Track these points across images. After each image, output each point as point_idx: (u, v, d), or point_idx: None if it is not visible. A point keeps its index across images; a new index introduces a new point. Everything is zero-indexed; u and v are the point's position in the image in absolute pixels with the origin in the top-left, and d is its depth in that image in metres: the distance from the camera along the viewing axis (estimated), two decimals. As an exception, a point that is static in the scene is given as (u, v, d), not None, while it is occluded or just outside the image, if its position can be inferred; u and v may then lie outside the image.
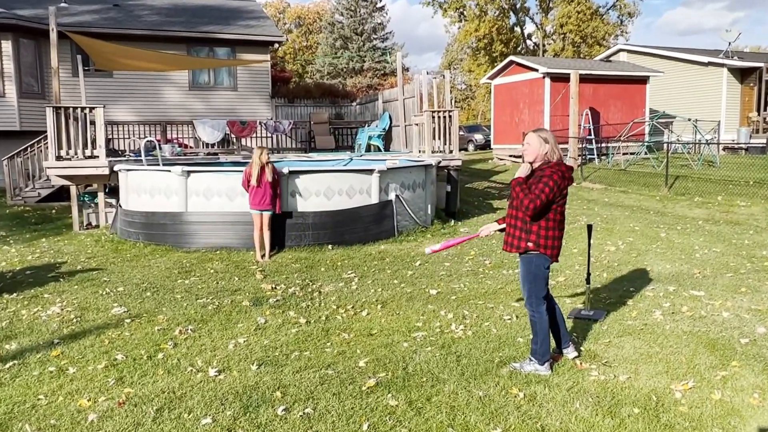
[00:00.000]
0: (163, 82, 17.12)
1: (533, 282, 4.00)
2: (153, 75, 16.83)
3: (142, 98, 16.94)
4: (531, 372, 4.08)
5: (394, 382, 4.02)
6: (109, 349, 4.70)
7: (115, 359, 4.47)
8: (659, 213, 11.16)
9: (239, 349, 4.67)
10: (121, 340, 4.89)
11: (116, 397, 3.84)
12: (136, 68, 14.13)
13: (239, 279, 6.95)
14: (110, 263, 7.82)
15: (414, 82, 15.07)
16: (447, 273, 7.11)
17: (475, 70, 49.40)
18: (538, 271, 3.97)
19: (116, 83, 16.62)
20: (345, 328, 5.17)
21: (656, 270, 7.00)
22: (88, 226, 10.74)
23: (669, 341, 4.66)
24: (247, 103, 18.13)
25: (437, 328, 5.13)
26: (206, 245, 8.52)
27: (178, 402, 3.75)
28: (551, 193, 3.81)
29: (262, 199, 7.96)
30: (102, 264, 7.79)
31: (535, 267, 3.97)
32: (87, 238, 9.56)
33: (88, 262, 7.89)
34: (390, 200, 9.31)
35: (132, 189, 9.47)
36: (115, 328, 5.21)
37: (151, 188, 9.12)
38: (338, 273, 7.18)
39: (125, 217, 9.35)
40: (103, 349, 4.70)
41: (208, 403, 3.73)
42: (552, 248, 3.95)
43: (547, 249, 3.93)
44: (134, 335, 5.02)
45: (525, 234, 3.95)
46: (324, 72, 35.05)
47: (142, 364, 4.38)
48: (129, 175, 9.57)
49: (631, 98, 19.97)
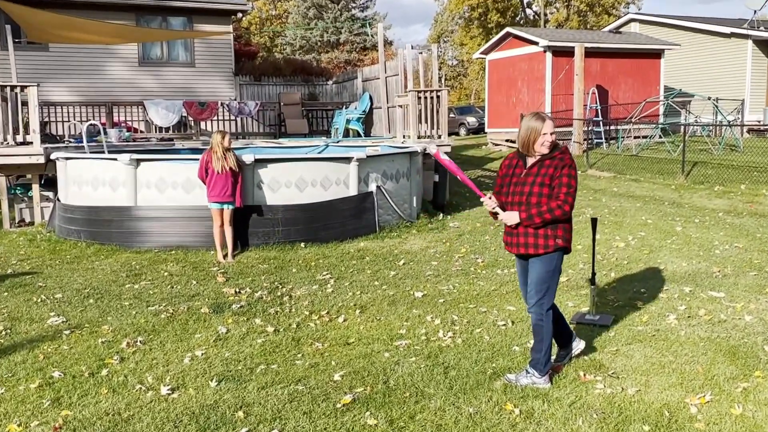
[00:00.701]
0: (108, 56, 16.91)
1: (551, 281, 4.09)
2: (96, 48, 16.60)
3: (84, 75, 16.71)
4: (528, 385, 4.09)
5: (373, 398, 4.01)
6: (45, 365, 4.63)
7: (51, 377, 4.40)
8: (675, 204, 11.29)
9: (196, 364, 4.63)
10: (58, 355, 4.82)
11: (52, 421, 3.78)
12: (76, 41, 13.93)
13: (197, 282, 6.90)
14: (47, 266, 7.72)
15: (398, 58, 15.05)
16: (434, 273, 7.13)
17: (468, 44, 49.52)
18: (556, 271, 4.08)
19: (53, 58, 16.37)
20: (318, 337, 5.16)
21: (671, 269, 7.07)
22: (21, 223, 10.59)
23: (684, 349, 4.71)
24: (207, 82, 17.97)
25: (423, 335, 5.14)
26: (159, 244, 8.45)
27: (125, 425, 3.71)
28: (576, 182, 4.01)
29: (223, 190, 7.91)
30: (37, 267, 7.68)
31: (557, 264, 4.07)
32: (19, 236, 9.43)
33: (21, 265, 7.78)
34: (370, 192, 9.31)
35: (72, 180, 9.36)
36: (51, 341, 5.14)
37: (94, 179, 9.02)
38: (311, 274, 7.17)
39: (64, 213, 9.24)
40: (37, 365, 4.63)
41: (159, 426, 3.70)
42: (570, 240, 4.10)
43: (568, 242, 4.08)
44: (74, 349, 4.95)
45: (552, 230, 4.01)
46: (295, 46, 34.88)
47: (83, 382, 4.33)
48: (69, 165, 9.45)
49: (643, 75, 20.14)
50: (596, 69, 19.36)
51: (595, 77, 19.34)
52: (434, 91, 12.09)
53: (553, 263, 4.05)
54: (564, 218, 4.00)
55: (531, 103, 19.51)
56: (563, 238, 4.03)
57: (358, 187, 9.18)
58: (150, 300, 6.25)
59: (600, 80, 19.51)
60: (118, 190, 8.77)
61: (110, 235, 8.67)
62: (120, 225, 8.65)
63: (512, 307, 5.77)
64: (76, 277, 7.14)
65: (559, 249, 4.05)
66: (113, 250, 8.41)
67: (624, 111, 19.43)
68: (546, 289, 4.07)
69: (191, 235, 8.47)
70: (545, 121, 3.97)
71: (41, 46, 16.01)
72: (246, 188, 8.36)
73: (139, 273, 7.31)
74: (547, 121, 3.97)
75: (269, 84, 19.47)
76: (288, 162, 8.91)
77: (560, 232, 4.01)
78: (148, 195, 8.66)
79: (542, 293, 4.07)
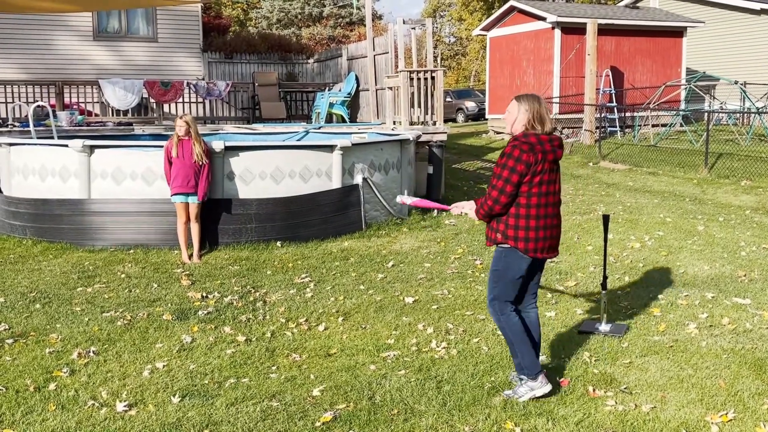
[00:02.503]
0: (58, 28, 16.79)
1: (498, 281, 4.20)
2: (44, 18, 16.48)
3: (30, 50, 16.58)
4: (527, 397, 4.16)
5: (356, 415, 4.03)
6: (-16, 378, 4.61)
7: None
8: (696, 200, 11.38)
9: (157, 377, 4.63)
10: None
11: (-8, 440, 3.78)
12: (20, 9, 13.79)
13: (159, 286, 6.89)
14: (-13, 266, 7.67)
15: (388, 34, 15.06)
16: (427, 276, 7.15)
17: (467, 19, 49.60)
18: (507, 270, 4.16)
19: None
20: (296, 348, 5.17)
21: (691, 272, 7.14)
22: (-41, 218, 10.50)
23: (705, 362, 4.76)
24: (171, 59, 17.88)
25: (413, 346, 5.15)
26: (116, 242, 8.42)
27: (75, 445, 3.70)
28: (512, 175, 3.99)
29: (186, 179, 7.87)
30: (-24, 267, 7.63)
31: (504, 264, 4.17)
32: (-43, 233, 9.35)
33: (-42, 266, 7.73)
34: (356, 185, 9.32)
35: (16, 169, 9.30)
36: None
37: (41, 168, 8.97)
38: (289, 277, 7.17)
39: (7, 206, 9.18)
40: (-25, 378, 4.61)
41: (114, 446, 3.70)
42: (525, 240, 4.09)
43: (518, 241, 4.09)
44: (17, 360, 4.93)
45: (496, 224, 4.16)
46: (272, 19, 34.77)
47: (28, 397, 4.31)
48: (12, 151, 9.39)
49: (663, 55, 20.26)
50: (610, 48, 19.45)
51: (609, 58, 19.43)
52: (428, 72, 12.10)
53: (501, 261, 4.17)
54: (497, 211, 4.09)
55: (537, 86, 19.58)
56: (504, 234, 4.11)
57: (342, 179, 9.17)
58: (105, 305, 6.23)
59: (615, 61, 19.61)
60: (69, 181, 8.72)
61: (60, 232, 8.62)
62: (71, 220, 8.61)
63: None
64: (21, 279, 7.10)
65: (501, 245, 4.14)
66: (63, 248, 8.36)
67: (641, 96, 19.54)
68: (496, 288, 4.21)
69: (152, 232, 8.43)
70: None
71: (-19, 16, 15.85)
72: (215, 180, 8.34)
73: (92, 275, 7.27)
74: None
75: (242, 62, 19.40)
76: (263, 150, 8.89)
77: (501, 226, 4.13)
78: (103, 187, 8.62)
79: (492, 292, 4.24)
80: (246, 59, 19.54)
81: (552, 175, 4.10)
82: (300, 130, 13.08)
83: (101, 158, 8.63)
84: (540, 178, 4.03)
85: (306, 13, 33.07)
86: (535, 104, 4.06)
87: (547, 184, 4.07)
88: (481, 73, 46.92)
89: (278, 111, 17.38)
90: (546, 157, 4.02)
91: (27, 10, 14.27)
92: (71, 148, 8.62)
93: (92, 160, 8.63)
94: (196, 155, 7.90)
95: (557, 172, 4.17)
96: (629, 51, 19.87)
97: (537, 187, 4.03)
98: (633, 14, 20.83)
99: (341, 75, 17.79)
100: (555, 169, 4.13)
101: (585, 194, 11.98)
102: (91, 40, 17.18)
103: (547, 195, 4.09)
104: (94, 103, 16.05)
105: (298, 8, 33.35)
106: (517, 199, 4.05)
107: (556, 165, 4.14)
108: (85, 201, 8.61)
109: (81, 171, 8.62)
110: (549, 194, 4.10)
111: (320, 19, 31.75)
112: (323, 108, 16.36)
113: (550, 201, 4.12)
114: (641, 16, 20.59)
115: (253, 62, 19.60)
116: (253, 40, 20.50)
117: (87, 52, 17.09)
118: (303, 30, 29.14)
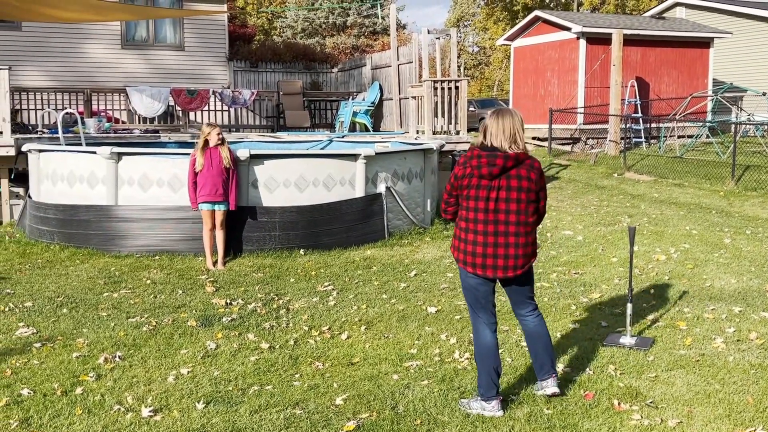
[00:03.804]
0: (87, 37, 17.02)
1: (466, 296, 4.30)
2: (74, 27, 16.72)
3: (60, 58, 16.83)
4: (476, 413, 4.14)
5: (379, 424, 4.03)
6: (12, 381, 4.67)
7: (20, 395, 4.44)
8: (723, 213, 11.25)
9: (182, 383, 4.66)
10: (27, 371, 4.86)
11: (20, 442, 3.82)
12: (51, 18, 14.02)
13: (184, 292, 6.94)
14: (15, 271, 7.78)
15: (412, 44, 15.11)
16: (450, 286, 7.14)
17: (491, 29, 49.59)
18: (462, 280, 4.28)
19: (25, 38, 16.49)
20: (319, 356, 5.18)
21: (718, 286, 7.05)
22: (-12, 222, 10.67)
23: (732, 377, 4.70)
24: (197, 67, 18.05)
25: (436, 356, 5.14)
26: (141, 248, 8.50)
27: (101, 450, 3.74)
28: (447, 183, 4.22)
29: (215, 188, 7.94)
30: (5, 272, 7.74)
31: (460, 273, 4.31)
32: (-14, 238, 9.50)
33: (-12, 270, 7.85)
34: (379, 193, 9.33)
35: (45, 175, 9.43)
36: (20, 354, 5.18)
37: (70, 175, 9.08)
38: (312, 285, 7.19)
39: (36, 212, 9.31)
40: (4, 381, 4.67)
41: (139, 451, 3.72)
42: (463, 253, 4.16)
43: (458, 253, 4.21)
44: (45, 364, 4.99)
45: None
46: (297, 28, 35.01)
47: (55, 401, 4.36)
48: (42, 158, 9.53)
49: (689, 66, 20.10)
50: (636, 59, 19.33)
51: (635, 68, 19.31)
52: (452, 81, 12.12)
53: (460, 275, 4.28)
54: (442, 210, 4.33)
55: (561, 96, 19.50)
56: (451, 244, 4.30)
57: (365, 188, 9.20)
58: (130, 311, 6.29)
59: (640, 72, 19.48)
60: (97, 188, 8.83)
61: (87, 238, 8.72)
62: (98, 226, 8.71)
63: (538, 326, 5.75)
64: (49, 284, 7.19)
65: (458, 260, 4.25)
66: (90, 254, 8.46)
67: (667, 107, 19.38)
68: (466, 301, 4.33)
69: (178, 238, 8.51)
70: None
71: (12, 24, 16.13)
72: (240, 188, 8.40)
73: (118, 280, 7.35)
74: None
75: (267, 71, 19.54)
76: (287, 158, 8.95)
77: (454, 240, 4.27)
78: (130, 193, 8.72)
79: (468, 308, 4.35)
80: (271, 68, 19.67)
81: (484, 192, 4.02)
82: (324, 138, 13.15)
83: (128, 165, 8.73)
84: (467, 193, 4.08)
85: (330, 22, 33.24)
86: (489, 120, 4.11)
87: (476, 200, 4.06)
88: (504, 83, 46.84)
89: (302, 119, 17.47)
90: (474, 173, 4.04)
91: (59, 20, 14.49)
92: (99, 154, 8.73)
93: (120, 166, 8.73)
94: (225, 160, 7.96)
95: (506, 190, 4.02)
96: (655, 62, 19.73)
97: (465, 201, 4.13)
98: (659, 25, 20.69)
99: (365, 84, 17.85)
100: (494, 186, 4.01)
101: (610, 205, 11.89)
102: (119, 48, 17.40)
103: (477, 211, 4.07)
104: (121, 110, 16.24)
105: (322, 18, 33.53)
106: (459, 212, 4.20)
107: (496, 182, 4.00)
108: (112, 207, 8.71)
109: (108, 177, 8.72)
110: (480, 211, 4.06)
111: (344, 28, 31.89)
112: (347, 117, 16.42)
113: (481, 218, 4.06)
114: (667, 26, 20.45)
115: (278, 71, 19.73)
116: (278, 49, 20.65)
117: (115, 60, 17.31)
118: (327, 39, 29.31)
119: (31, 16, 13.53)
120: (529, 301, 4.35)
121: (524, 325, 4.38)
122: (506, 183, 4.04)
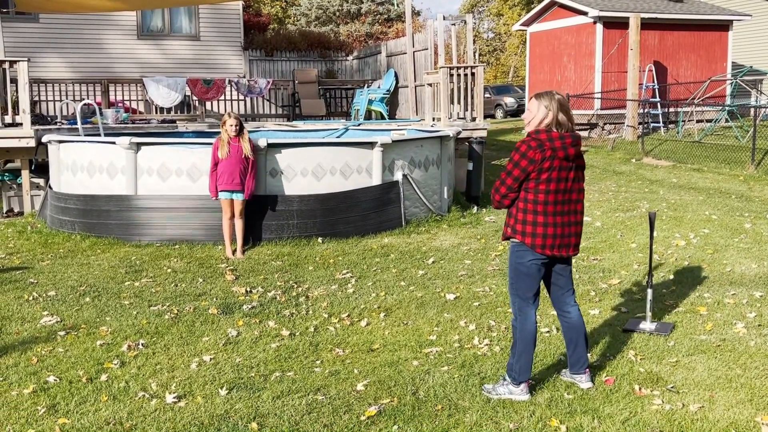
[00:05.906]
0: (104, 27, 17.12)
1: (513, 278, 4.24)
2: (91, 18, 16.82)
3: (78, 49, 16.94)
4: (504, 397, 4.16)
5: (401, 410, 4.06)
6: (38, 369, 4.74)
7: (46, 382, 4.51)
8: (743, 197, 11.16)
9: (204, 369, 4.71)
10: (53, 358, 4.93)
11: (48, 429, 3.89)
12: (69, 9, 14.11)
13: (204, 280, 7.00)
14: (38, 260, 7.87)
15: (427, 30, 15.04)
16: (468, 273, 7.15)
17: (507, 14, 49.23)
18: (519, 265, 4.17)
19: (44, 29, 16.62)
20: (339, 343, 5.21)
21: (738, 271, 7.02)
22: (9, 213, 10.79)
23: (754, 361, 4.69)
24: (213, 56, 18.11)
25: (455, 342, 5.17)
26: (162, 238, 8.57)
27: (127, 435, 3.79)
28: (514, 169, 4.04)
29: (232, 177, 7.97)
30: (28, 261, 7.83)
31: (515, 258, 4.19)
32: (8, 228, 9.62)
33: (10, 259, 7.94)
34: (396, 181, 9.33)
35: (66, 166, 9.51)
36: (45, 342, 5.25)
37: (90, 165, 9.16)
38: (330, 273, 7.23)
39: (57, 202, 9.40)
40: (30, 369, 4.74)
41: (164, 436, 3.78)
42: (533, 236, 4.08)
43: (525, 236, 4.10)
44: (70, 352, 5.06)
45: (508, 217, 4.23)
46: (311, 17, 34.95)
47: (81, 388, 4.42)
48: (62, 148, 9.60)
49: (708, 49, 19.88)
50: (654, 43, 19.15)
51: (653, 52, 19.13)
52: (468, 68, 12.07)
53: (513, 256, 4.20)
54: (497, 200, 4.18)
55: (578, 81, 19.37)
56: (513, 229, 4.16)
57: (382, 176, 9.20)
58: (152, 299, 6.36)
59: (658, 56, 19.30)
60: (117, 178, 8.89)
61: (108, 227, 8.80)
62: (118, 216, 8.78)
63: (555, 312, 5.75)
64: (71, 273, 7.27)
65: (514, 241, 4.16)
66: (111, 243, 8.54)
67: (685, 91, 19.20)
68: (514, 285, 4.24)
69: (197, 227, 8.56)
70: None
71: (31, 16, 16.25)
72: (258, 177, 8.43)
73: (139, 269, 7.42)
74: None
75: (282, 59, 19.56)
76: (304, 147, 8.97)
77: (511, 221, 4.18)
78: (149, 183, 8.77)
79: (510, 289, 4.28)
80: (286, 57, 19.68)
81: (563, 173, 4.04)
82: (340, 127, 13.15)
83: (147, 155, 8.78)
84: (548, 176, 4.00)
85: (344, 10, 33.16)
86: (553, 102, 4.03)
87: (557, 182, 4.03)
88: (520, 69, 46.53)
89: (318, 108, 17.49)
90: (556, 155, 3.99)
91: (78, 10, 14.56)
92: (119, 145, 8.79)
93: (139, 156, 8.79)
94: (246, 150, 8.00)
95: (574, 170, 4.10)
96: (673, 45, 19.54)
97: (544, 184, 4.01)
98: (677, 8, 20.46)
99: (380, 72, 17.82)
100: (569, 167, 4.06)
101: (628, 191, 11.83)
102: (135, 38, 17.48)
103: (557, 192, 4.04)
104: (138, 100, 16.34)
105: (336, 5, 33.45)
106: (525, 195, 4.06)
107: (571, 163, 4.07)
108: (132, 197, 8.77)
109: (128, 167, 8.78)
110: (559, 192, 4.05)
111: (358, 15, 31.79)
112: (362, 105, 16.41)
113: (559, 199, 4.06)
114: (685, 9, 20.22)
115: (293, 60, 19.73)
116: (293, 38, 20.64)
117: (131, 50, 17.40)
118: (342, 27, 29.19)
119: (58, 6, 13.60)
120: (572, 289, 4.39)
121: (567, 318, 4.37)
122: (576, 164, 4.14)
